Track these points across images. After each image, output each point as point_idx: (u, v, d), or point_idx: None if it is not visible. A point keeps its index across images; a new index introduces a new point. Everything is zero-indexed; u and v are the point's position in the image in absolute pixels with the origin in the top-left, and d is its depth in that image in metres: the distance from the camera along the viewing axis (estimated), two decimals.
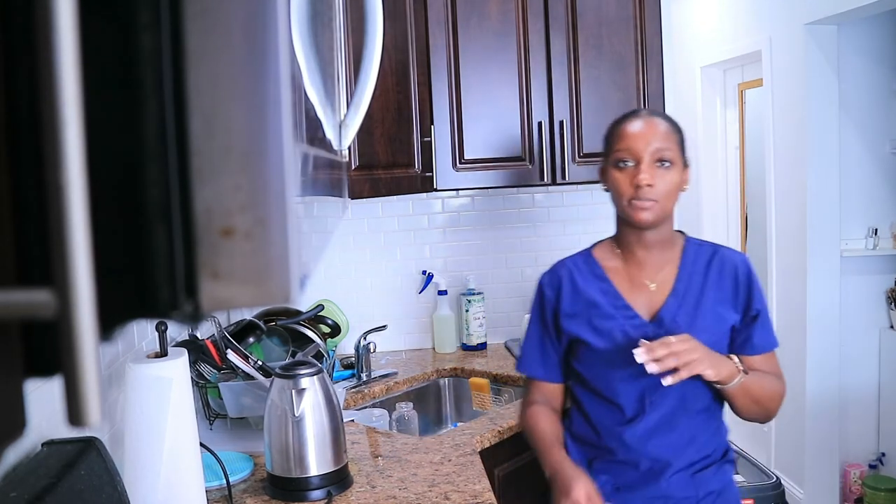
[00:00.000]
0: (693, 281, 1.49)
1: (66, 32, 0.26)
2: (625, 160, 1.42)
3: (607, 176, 1.47)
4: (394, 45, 2.22)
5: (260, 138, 0.31)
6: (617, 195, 1.44)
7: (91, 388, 0.27)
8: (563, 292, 1.52)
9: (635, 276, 1.50)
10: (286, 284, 0.32)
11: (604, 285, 1.51)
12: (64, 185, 0.26)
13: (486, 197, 2.76)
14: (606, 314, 1.48)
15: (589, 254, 1.56)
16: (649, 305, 1.48)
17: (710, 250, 1.54)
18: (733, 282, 1.50)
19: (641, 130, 1.43)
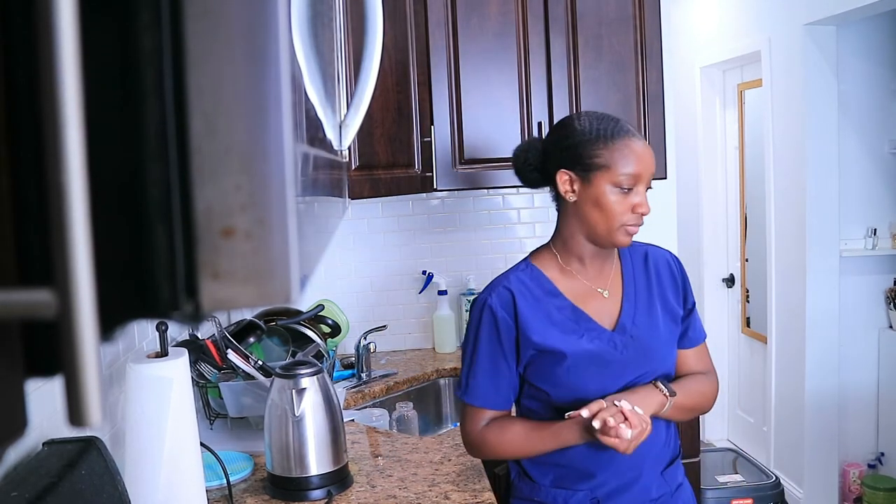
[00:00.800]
0: (639, 283, 1.47)
1: (66, 33, 0.26)
2: (631, 186, 1.34)
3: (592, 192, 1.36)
4: (394, 46, 2.22)
5: (260, 138, 0.31)
6: (608, 217, 1.35)
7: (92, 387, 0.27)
8: (520, 310, 1.40)
9: (585, 286, 1.44)
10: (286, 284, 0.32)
11: (557, 301, 1.43)
12: (64, 184, 0.26)
13: (486, 197, 2.76)
14: (570, 329, 1.41)
15: (531, 268, 1.46)
16: (607, 314, 1.44)
17: (640, 250, 1.52)
18: (671, 278, 1.50)
19: (646, 155, 1.36)
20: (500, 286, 1.44)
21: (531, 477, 1.49)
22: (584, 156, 1.36)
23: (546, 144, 1.46)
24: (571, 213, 1.41)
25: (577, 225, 1.41)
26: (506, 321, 1.41)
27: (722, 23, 4.02)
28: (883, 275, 3.46)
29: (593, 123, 1.39)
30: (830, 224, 3.33)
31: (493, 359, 1.43)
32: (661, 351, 1.45)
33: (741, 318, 4.20)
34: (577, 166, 1.37)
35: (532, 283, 1.44)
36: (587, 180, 1.36)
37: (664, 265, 1.51)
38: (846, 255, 3.36)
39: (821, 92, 3.26)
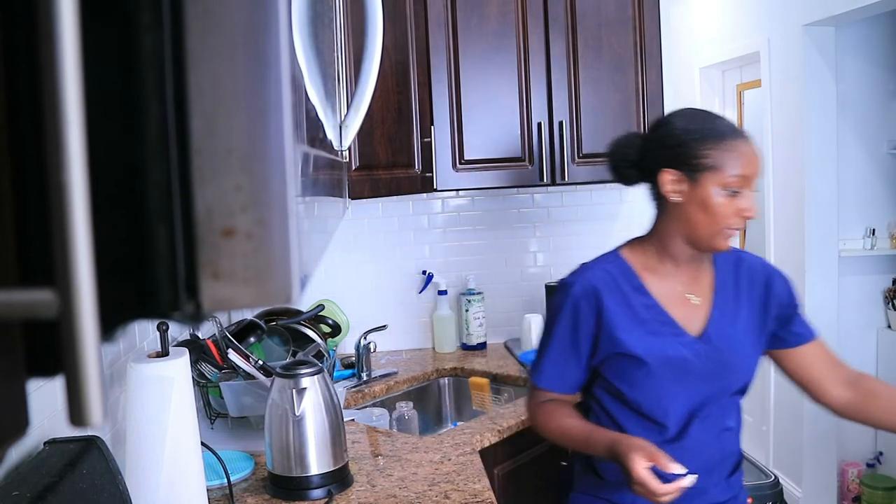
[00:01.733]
0: (728, 291, 1.43)
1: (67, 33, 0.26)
2: (740, 188, 1.30)
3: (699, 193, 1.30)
4: (394, 46, 2.22)
5: (261, 139, 0.31)
6: (712, 219, 1.30)
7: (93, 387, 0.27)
8: (605, 305, 1.36)
9: (676, 289, 1.40)
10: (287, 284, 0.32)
11: (645, 299, 1.38)
12: (66, 185, 0.27)
13: (485, 197, 2.76)
14: (653, 331, 1.37)
15: (622, 262, 1.42)
16: (694, 320, 1.39)
17: (733, 256, 1.47)
18: (764, 288, 1.45)
19: (756, 157, 1.31)
20: (587, 276, 1.40)
21: (599, 473, 1.45)
22: (691, 155, 1.31)
23: (647, 141, 1.40)
24: (672, 214, 1.36)
25: (677, 226, 1.36)
26: (586, 316, 1.38)
27: (721, 23, 4.02)
28: (881, 275, 3.47)
29: (700, 122, 1.34)
30: (829, 224, 3.34)
31: (564, 347, 1.41)
32: (741, 364, 1.41)
33: None
34: (684, 166, 1.31)
35: (620, 278, 1.39)
36: (694, 181, 1.31)
37: (758, 274, 1.45)
38: (845, 255, 3.36)
39: (820, 92, 3.26)
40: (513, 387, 2.33)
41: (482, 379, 2.35)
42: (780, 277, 1.48)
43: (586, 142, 2.41)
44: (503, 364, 2.47)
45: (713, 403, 1.40)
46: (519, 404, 2.08)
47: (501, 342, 2.75)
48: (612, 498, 1.44)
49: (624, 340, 1.36)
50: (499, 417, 1.97)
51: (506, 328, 2.77)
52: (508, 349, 2.65)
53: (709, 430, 1.40)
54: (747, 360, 1.43)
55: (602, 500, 1.46)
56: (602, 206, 2.83)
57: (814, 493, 3.44)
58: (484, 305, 2.68)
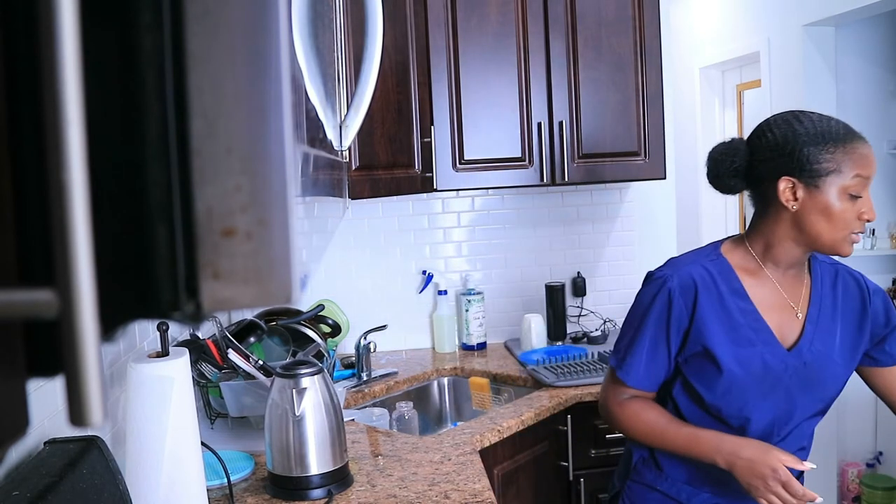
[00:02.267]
0: (824, 305, 1.38)
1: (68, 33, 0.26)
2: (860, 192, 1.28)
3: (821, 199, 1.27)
4: (394, 46, 2.22)
5: (261, 139, 0.31)
6: (835, 225, 1.26)
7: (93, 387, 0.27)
8: (700, 303, 1.32)
9: (775, 294, 1.36)
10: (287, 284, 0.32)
11: (743, 304, 1.34)
12: (66, 185, 0.27)
13: (485, 197, 2.76)
14: (746, 338, 1.33)
15: (723, 261, 1.37)
16: (788, 331, 1.35)
17: (832, 269, 1.43)
18: (861, 304, 1.41)
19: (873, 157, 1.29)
20: (685, 271, 1.36)
21: (659, 465, 1.44)
22: (811, 160, 1.27)
23: (755, 147, 1.36)
24: (786, 221, 1.31)
25: (792, 233, 1.32)
26: (680, 311, 1.34)
27: (721, 23, 4.02)
28: (882, 275, 3.47)
29: (817, 125, 1.30)
30: None
31: (655, 342, 1.37)
32: (828, 383, 1.38)
33: None
34: (804, 172, 1.27)
35: (719, 277, 1.35)
36: (814, 186, 1.27)
37: (854, 290, 1.42)
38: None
39: (819, 92, 3.26)
40: (513, 387, 2.33)
41: (482, 379, 2.35)
42: (877, 295, 1.44)
43: (586, 142, 2.41)
44: (503, 364, 2.47)
45: (793, 420, 1.37)
46: (519, 404, 2.08)
47: (501, 342, 2.75)
48: (669, 492, 1.43)
49: (713, 343, 1.32)
50: (499, 417, 1.97)
51: (506, 328, 2.77)
52: (508, 349, 2.65)
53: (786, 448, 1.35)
54: (836, 379, 1.39)
55: (658, 492, 1.45)
56: (602, 206, 2.83)
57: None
58: (484, 305, 2.68)
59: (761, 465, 1.24)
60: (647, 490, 1.47)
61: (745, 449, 1.27)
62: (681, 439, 1.34)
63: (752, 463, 1.25)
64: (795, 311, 1.37)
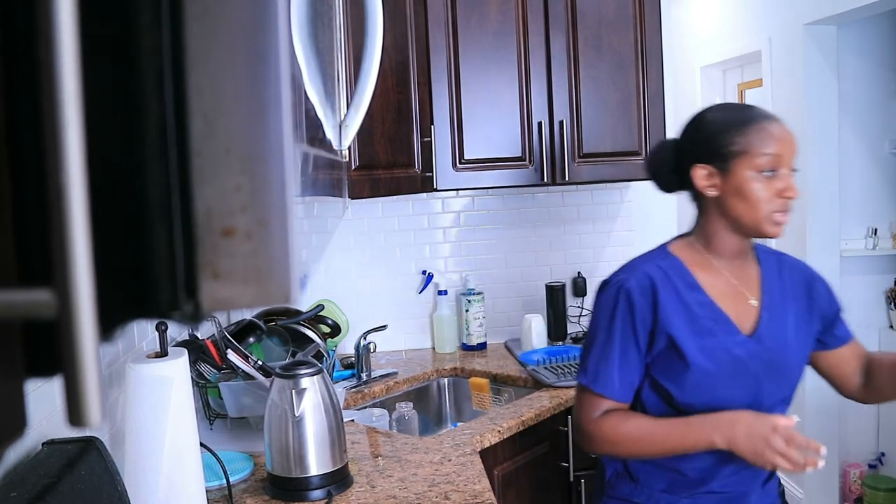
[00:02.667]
0: (775, 291, 1.40)
1: (66, 33, 0.26)
2: (774, 168, 1.28)
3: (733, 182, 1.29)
4: (394, 46, 2.22)
5: (260, 139, 0.31)
6: (753, 206, 1.29)
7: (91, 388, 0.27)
8: (660, 299, 1.33)
9: (727, 284, 1.37)
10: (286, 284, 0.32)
11: (699, 296, 1.35)
12: (64, 185, 0.26)
13: (485, 197, 2.76)
14: (707, 329, 1.33)
15: (673, 258, 1.39)
16: (746, 319, 1.37)
17: (775, 257, 1.46)
18: (806, 289, 1.43)
19: (787, 136, 1.29)
20: (640, 272, 1.36)
21: (635, 477, 1.41)
22: (719, 146, 1.30)
23: (678, 143, 1.40)
24: (713, 209, 1.35)
25: (721, 220, 1.35)
26: (643, 309, 1.34)
27: (722, 22, 4.02)
28: (883, 275, 3.46)
29: (724, 113, 1.34)
30: (831, 224, 3.33)
31: (625, 347, 1.35)
32: (792, 366, 1.39)
33: None
34: (714, 158, 1.31)
35: (673, 274, 1.36)
36: (726, 170, 1.30)
37: (799, 275, 1.45)
38: (847, 255, 3.36)
39: (821, 92, 3.26)
40: (513, 387, 2.33)
41: (482, 379, 2.35)
42: (820, 281, 1.46)
43: (587, 141, 2.41)
44: (503, 364, 2.47)
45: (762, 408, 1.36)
46: (519, 404, 2.07)
47: (501, 342, 2.75)
48: (647, 503, 1.41)
49: (678, 336, 1.32)
50: (499, 418, 1.97)
51: (506, 328, 2.77)
52: (508, 349, 2.65)
53: None
54: (798, 363, 1.40)
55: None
56: (602, 206, 2.83)
57: (815, 494, 3.44)
58: (484, 305, 2.68)
59: (760, 426, 1.24)
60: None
61: (739, 418, 1.27)
62: (673, 433, 1.32)
63: (751, 428, 1.24)
64: (749, 299, 1.38)
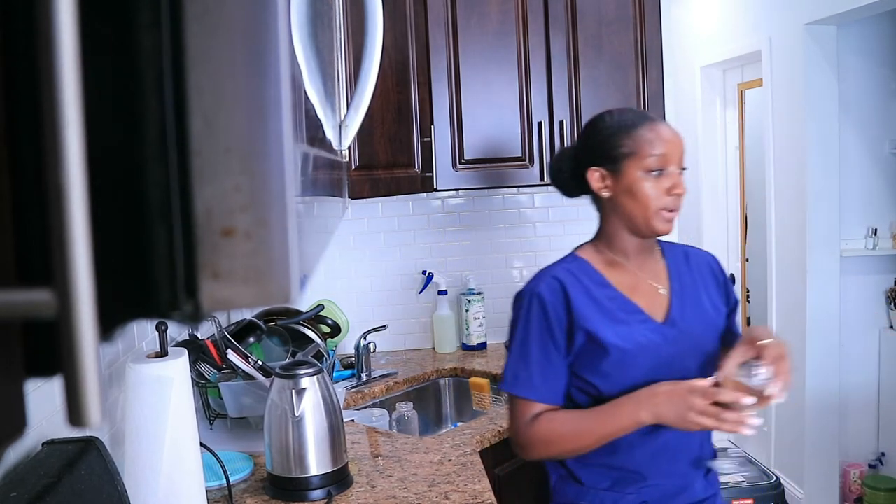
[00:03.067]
0: (684, 279, 1.47)
1: (66, 33, 0.26)
2: (661, 168, 1.34)
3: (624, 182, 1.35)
4: (394, 45, 2.22)
5: (260, 138, 0.31)
6: (643, 203, 1.34)
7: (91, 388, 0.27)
8: (571, 297, 1.37)
9: (635, 277, 1.43)
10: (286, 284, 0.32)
11: (608, 291, 1.41)
12: (64, 185, 0.26)
13: (485, 197, 2.76)
14: (620, 320, 1.38)
15: (578, 260, 1.45)
16: (658, 308, 1.42)
17: (681, 249, 1.53)
18: (713, 277, 1.51)
19: (674, 136, 1.36)
20: (549, 276, 1.42)
21: (578, 479, 1.43)
22: (610, 148, 1.37)
23: (575, 150, 1.46)
24: (609, 210, 1.41)
25: (618, 220, 1.41)
26: (556, 309, 1.38)
27: (722, 22, 4.02)
28: (883, 275, 3.46)
29: (616, 117, 1.40)
30: (831, 224, 3.33)
31: (544, 348, 1.38)
32: (708, 348, 1.42)
33: (742, 319, 4.20)
34: (606, 160, 1.37)
35: (581, 274, 1.42)
36: (617, 171, 1.37)
37: (705, 264, 1.51)
38: (847, 255, 3.36)
39: (821, 92, 3.26)
40: None
41: (482, 379, 2.35)
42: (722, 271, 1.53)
43: None
44: (503, 364, 2.47)
45: None
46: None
47: (501, 342, 2.75)
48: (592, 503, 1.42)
49: (593, 330, 1.37)
50: (499, 417, 1.97)
51: (506, 328, 2.75)
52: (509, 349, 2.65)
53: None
54: (712, 344, 1.44)
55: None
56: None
57: (815, 494, 3.44)
58: (484, 305, 2.68)
59: (678, 390, 1.27)
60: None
61: (658, 389, 1.30)
62: (602, 418, 1.34)
63: (670, 394, 1.28)
64: (658, 289, 1.44)
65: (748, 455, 3.62)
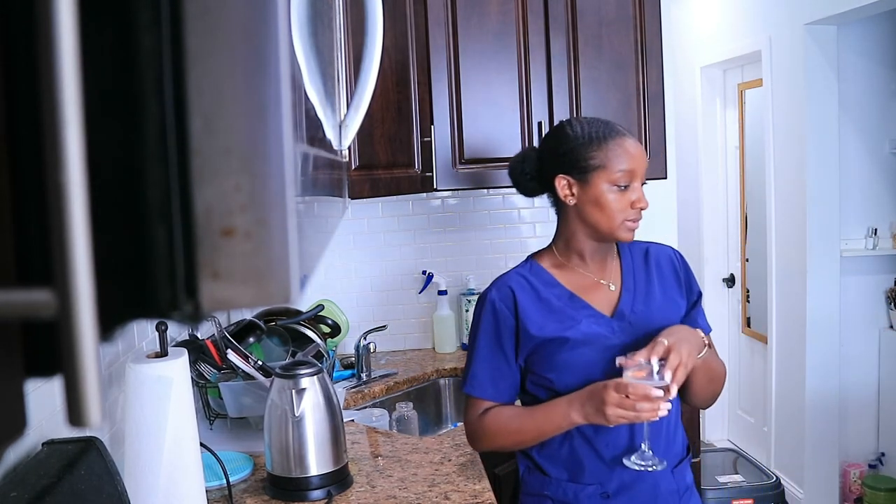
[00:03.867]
0: (638, 276, 1.51)
1: (66, 33, 0.26)
2: (627, 182, 1.39)
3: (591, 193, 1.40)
4: (394, 45, 2.22)
5: (260, 138, 0.31)
6: (608, 215, 1.40)
7: (91, 388, 0.27)
8: (519, 303, 1.45)
9: (585, 278, 1.49)
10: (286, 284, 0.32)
11: (558, 291, 1.47)
12: (64, 185, 0.26)
13: (486, 197, 2.76)
14: (569, 317, 1.45)
15: (532, 264, 1.52)
16: (606, 302, 1.48)
17: (642, 247, 1.56)
18: (673, 271, 1.54)
19: (640, 152, 1.42)
20: (501, 282, 1.50)
21: (543, 470, 1.49)
22: (579, 159, 1.41)
23: (541, 153, 1.50)
24: (573, 215, 1.46)
25: (579, 225, 1.46)
26: (505, 315, 1.46)
27: (722, 22, 4.02)
28: (883, 275, 3.46)
29: (585, 128, 1.44)
30: (831, 224, 3.33)
31: (492, 351, 1.47)
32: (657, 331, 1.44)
33: (741, 319, 4.20)
34: (574, 170, 1.42)
35: (532, 277, 1.49)
36: (585, 182, 1.41)
37: (666, 260, 1.55)
38: (847, 255, 3.36)
39: (821, 92, 3.26)
40: None
41: None
42: (683, 264, 1.56)
43: None
44: None
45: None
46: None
47: None
48: (556, 495, 1.47)
49: (542, 328, 1.43)
50: None
51: None
52: None
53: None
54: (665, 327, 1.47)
55: (548, 498, 1.49)
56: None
57: (815, 494, 3.44)
58: None
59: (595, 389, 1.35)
60: (537, 499, 1.50)
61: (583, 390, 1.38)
62: (539, 417, 1.43)
63: (590, 393, 1.35)
64: (608, 285, 1.49)
65: (748, 455, 3.63)
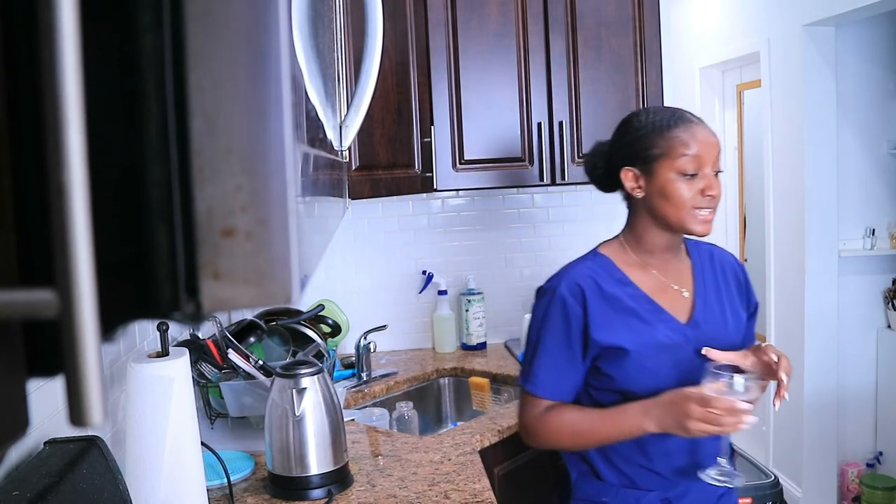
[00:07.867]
0: (707, 281, 1.47)
1: (68, 33, 0.26)
2: (694, 170, 1.33)
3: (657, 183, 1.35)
4: (394, 46, 2.22)
5: (261, 139, 0.31)
6: (677, 205, 1.34)
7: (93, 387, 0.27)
8: (589, 302, 1.38)
9: (658, 279, 1.43)
10: (287, 284, 0.32)
11: (631, 290, 1.41)
12: (66, 185, 0.27)
13: (485, 197, 2.76)
14: (642, 319, 1.39)
15: (600, 257, 1.45)
16: (680, 308, 1.42)
17: (707, 249, 1.52)
18: (735, 279, 1.50)
19: (709, 138, 1.35)
20: (570, 275, 1.42)
21: (600, 476, 1.44)
22: (642, 149, 1.37)
23: (610, 146, 1.46)
24: (642, 209, 1.41)
25: (649, 219, 1.41)
26: (575, 311, 1.39)
27: (721, 23, 4.02)
28: (881, 275, 3.47)
29: (650, 117, 1.39)
30: (829, 224, 3.34)
31: (560, 349, 1.40)
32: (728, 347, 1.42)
33: None
34: (638, 161, 1.38)
35: (602, 272, 1.42)
36: (650, 172, 1.37)
37: (728, 266, 1.51)
38: (845, 255, 3.36)
39: (819, 92, 3.26)
40: (513, 387, 2.33)
41: (482, 379, 2.35)
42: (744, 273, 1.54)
43: (586, 142, 2.41)
44: (503, 364, 2.47)
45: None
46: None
47: (501, 342, 2.75)
48: (614, 501, 1.42)
49: (614, 331, 1.37)
50: (499, 417, 1.97)
51: (506, 328, 2.77)
52: (508, 349, 2.65)
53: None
54: (735, 344, 1.45)
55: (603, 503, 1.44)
56: (602, 207, 2.82)
57: (814, 494, 3.44)
58: (484, 305, 2.68)
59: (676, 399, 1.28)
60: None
61: (660, 398, 1.31)
62: (607, 423, 1.36)
63: (669, 403, 1.29)
64: (681, 291, 1.44)
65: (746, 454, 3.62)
